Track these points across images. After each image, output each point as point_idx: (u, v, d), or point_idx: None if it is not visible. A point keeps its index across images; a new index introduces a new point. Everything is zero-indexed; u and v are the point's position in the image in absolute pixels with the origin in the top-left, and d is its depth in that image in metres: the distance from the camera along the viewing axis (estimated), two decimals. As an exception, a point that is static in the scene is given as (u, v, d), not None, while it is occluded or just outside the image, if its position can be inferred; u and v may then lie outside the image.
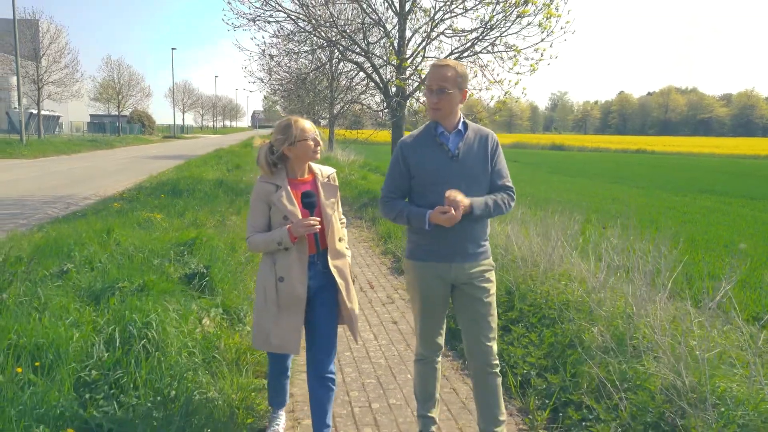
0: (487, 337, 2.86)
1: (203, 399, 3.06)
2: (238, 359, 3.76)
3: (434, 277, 2.85)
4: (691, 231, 12.02)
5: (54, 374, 2.80)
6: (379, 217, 10.19)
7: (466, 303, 2.89)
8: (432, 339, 2.99)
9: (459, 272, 2.83)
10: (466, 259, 2.82)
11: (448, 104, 2.75)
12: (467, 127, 2.84)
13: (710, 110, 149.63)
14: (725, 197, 20.51)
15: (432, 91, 2.75)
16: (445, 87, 2.71)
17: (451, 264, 2.82)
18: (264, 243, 2.75)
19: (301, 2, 12.01)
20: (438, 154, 2.79)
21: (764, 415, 2.73)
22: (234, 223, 8.63)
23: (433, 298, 2.89)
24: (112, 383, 2.93)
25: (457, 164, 2.77)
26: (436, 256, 2.83)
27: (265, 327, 2.79)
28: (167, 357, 3.21)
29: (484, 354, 2.87)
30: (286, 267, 2.75)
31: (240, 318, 4.49)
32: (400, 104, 12.36)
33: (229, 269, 5.48)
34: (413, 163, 2.81)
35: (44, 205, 11.71)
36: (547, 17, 10.91)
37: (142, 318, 3.36)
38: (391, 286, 6.47)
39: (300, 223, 2.68)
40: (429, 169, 2.78)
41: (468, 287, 2.85)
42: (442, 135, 2.82)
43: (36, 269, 4.39)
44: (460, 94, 2.77)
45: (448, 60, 2.84)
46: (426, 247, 2.85)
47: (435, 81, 2.73)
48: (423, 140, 2.85)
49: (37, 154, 28.28)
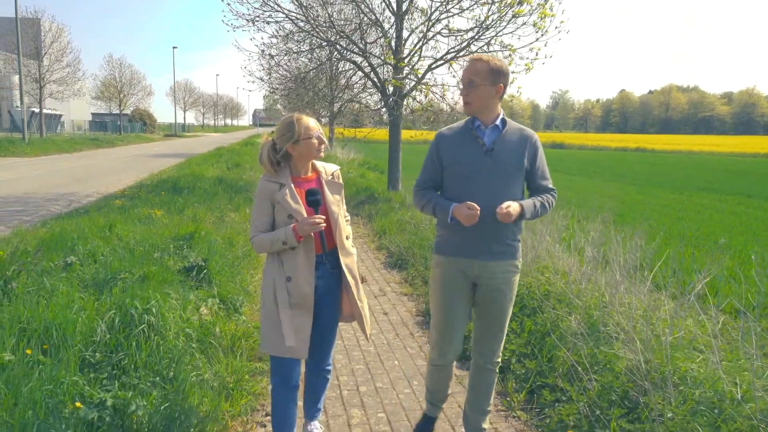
0: (496, 337, 2.91)
1: (200, 380, 3.28)
2: (233, 345, 3.98)
3: (457, 272, 2.84)
4: (685, 228, 12.24)
5: (61, 355, 3.02)
6: (375, 214, 10.40)
7: (483, 301, 2.88)
8: (449, 340, 2.93)
9: (482, 270, 2.81)
10: (490, 257, 2.80)
11: (478, 98, 2.72)
12: (506, 124, 2.81)
13: (711, 108, 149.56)
14: (722, 195, 20.67)
15: (463, 85, 2.74)
16: (474, 80, 2.68)
17: (475, 261, 2.80)
18: (269, 243, 2.69)
19: (299, 3, 12.19)
20: (472, 148, 2.77)
21: (720, 393, 2.94)
22: (233, 220, 8.85)
23: (455, 293, 2.87)
24: (114, 364, 3.16)
25: (491, 159, 2.73)
26: (460, 252, 2.82)
27: (275, 329, 2.70)
28: (166, 341, 3.43)
29: (490, 352, 2.94)
30: (294, 267, 2.71)
31: (236, 308, 4.72)
32: (397, 103, 12.56)
33: (227, 262, 5.70)
34: (446, 154, 2.81)
35: (47, 203, 11.94)
36: (541, 17, 11.11)
37: (143, 304, 3.58)
38: (384, 280, 6.68)
39: (305, 221, 2.63)
40: (462, 161, 2.77)
41: (489, 287, 2.83)
42: (478, 129, 2.79)
43: (41, 261, 4.62)
44: (493, 89, 2.71)
45: (483, 54, 2.79)
46: (451, 241, 2.85)
47: (465, 74, 2.73)
48: (459, 133, 2.83)
49: (39, 153, 28.53)
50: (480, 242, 2.77)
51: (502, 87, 2.73)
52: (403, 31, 12.54)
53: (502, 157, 2.74)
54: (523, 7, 11.05)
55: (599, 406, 3.15)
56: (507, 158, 2.74)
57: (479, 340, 2.96)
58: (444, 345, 2.95)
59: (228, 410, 3.23)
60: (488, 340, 2.92)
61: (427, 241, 7.16)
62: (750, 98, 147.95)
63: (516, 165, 2.76)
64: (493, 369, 2.97)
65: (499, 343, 2.94)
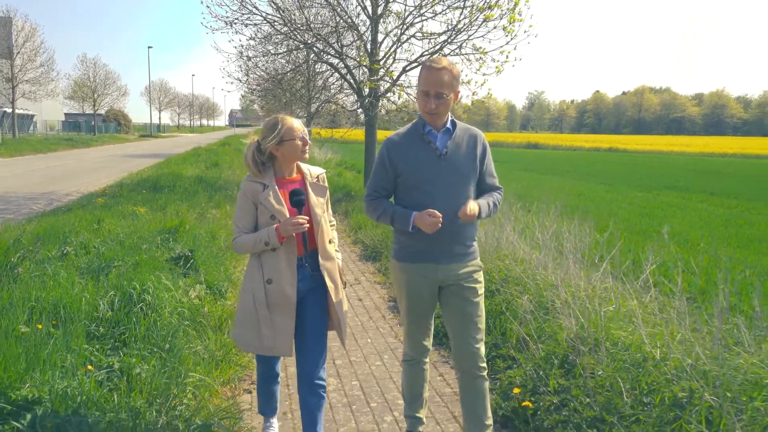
0: (475, 338, 2.86)
1: (193, 351, 3.69)
2: (220, 324, 4.39)
3: (421, 278, 2.81)
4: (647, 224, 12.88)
5: (69, 329, 3.40)
6: (351, 210, 10.84)
7: (453, 304, 2.86)
8: (419, 341, 2.96)
9: (446, 273, 2.79)
10: (453, 260, 2.79)
11: (446, 109, 2.72)
12: (456, 126, 2.80)
13: (683, 110, 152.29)
14: (686, 193, 21.28)
15: (429, 96, 2.66)
16: (443, 92, 2.65)
17: (438, 265, 2.78)
18: (252, 243, 2.68)
19: (276, 6, 12.55)
20: (425, 153, 2.74)
21: (644, 354, 3.43)
22: (214, 216, 9.21)
23: (420, 299, 2.85)
24: (116, 337, 3.56)
25: (446, 163, 2.72)
26: (423, 257, 2.79)
27: (253, 330, 2.74)
28: (162, 318, 3.84)
29: (472, 356, 2.86)
30: (275, 269, 2.70)
31: (222, 293, 5.13)
32: (372, 104, 13.00)
33: (211, 253, 6.10)
34: (400, 161, 2.76)
35: (28, 201, 12.15)
36: (510, 22, 11.63)
37: (140, 285, 3.97)
38: (359, 270, 7.13)
39: (288, 221, 2.61)
40: (416, 167, 2.73)
41: (455, 288, 2.82)
42: (429, 133, 2.76)
43: (40, 250, 4.97)
44: (454, 96, 2.72)
45: (443, 60, 2.66)
46: (412, 248, 2.81)
47: (432, 86, 2.65)
48: (410, 138, 2.79)
49: (14, 153, 28.42)
50: (441, 246, 2.76)
51: (458, 92, 2.78)
52: (378, 35, 12.96)
53: (455, 161, 2.73)
54: (493, 12, 11.54)
55: (543, 368, 3.63)
56: (460, 161, 2.74)
57: (458, 345, 2.89)
58: (416, 342, 2.97)
59: (218, 377, 3.64)
60: (467, 344, 2.86)
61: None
62: (720, 99, 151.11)
63: (470, 167, 2.77)
64: (481, 375, 2.88)
65: (479, 344, 2.88)
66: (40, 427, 2.38)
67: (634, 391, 3.17)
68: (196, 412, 3.05)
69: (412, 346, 2.99)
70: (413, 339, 2.98)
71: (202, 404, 3.15)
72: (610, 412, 3.08)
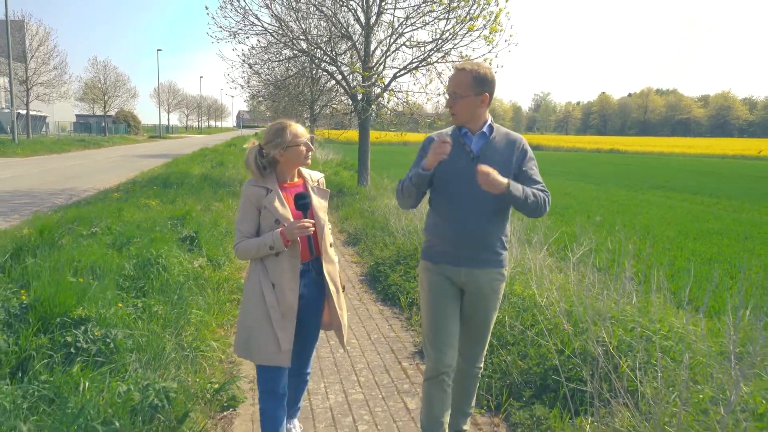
0: (480, 343, 2.97)
1: (195, 301, 4.83)
2: (218, 286, 5.54)
3: (445, 278, 2.84)
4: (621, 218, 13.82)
5: (103, 281, 4.54)
6: (341, 205, 11.99)
7: (469, 309, 2.89)
8: (442, 351, 2.85)
9: (469, 277, 2.81)
10: (477, 265, 2.79)
11: (463, 109, 2.74)
12: (493, 130, 2.82)
13: (688, 111, 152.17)
14: (671, 192, 21.93)
15: (449, 96, 2.76)
16: (457, 92, 2.71)
17: (462, 268, 2.80)
18: (256, 248, 2.63)
19: (276, 17, 13.67)
20: (459, 154, 2.77)
21: (536, 303, 4.53)
22: (217, 208, 10.39)
23: (443, 299, 2.84)
24: (138, 289, 4.70)
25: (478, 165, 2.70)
26: (449, 259, 2.82)
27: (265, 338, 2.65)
28: (172, 277, 4.98)
29: (474, 357, 3.01)
30: (277, 273, 2.66)
31: (220, 265, 6.29)
32: (365, 108, 14.09)
33: (212, 236, 7.26)
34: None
35: (50, 196, 13.38)
36: (492, 32, 12.68)
37: (156, 252, 5.14)
38: (340, 253, 8.26)
39: (293, 225, 2.59)
40: (448, 167, 2.74)
41: (475, 295, 2.85)
42: (465, 136, 2.81)
43: (75, 230, 6.16)
44: (478, 99, 2.72)
45: (467, 63, 2.76)
46: (439, 248, 2.85)
47: (449, 86, 2.75)
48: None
49: (29, 153, 29.73)
50: (467, 249, 2.78)
51: (488, 96, 2.74)
52: (371, 44, 14.02)
53: (488, 164, 2.68)
54: (476, 23, 12.57)
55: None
56: (494, 165, 2.68)
57: (463, 345, 2.97)
58: (438, 351, 2.86)
59: (215, 320, 4.78)
60: (472, 346, 2.97)
61: (377, 223, 8.76)
62: (725, 101, 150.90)
63: (503, 171, 2.69)
64: (476, 374, 3.05)
65: (482, 348, 3.00)
66: (91, 334, 3.51)
67: (520, 326, 4.28)
68: (197, 338, 4.18)
69: (436, 358, 2.86)
70: (436, 348, 2.86)
71: (202, 334, 4.29)
72: (498, 340, 4.19)
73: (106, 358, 3.41)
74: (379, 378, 4.14)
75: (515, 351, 4.05)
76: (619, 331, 3.74)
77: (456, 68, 2.75)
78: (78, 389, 2.98)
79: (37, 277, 4.37)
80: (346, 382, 4.05)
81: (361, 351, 4.63)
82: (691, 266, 6.93)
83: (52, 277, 4.20)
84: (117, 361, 3.41)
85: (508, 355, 4.03)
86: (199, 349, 4.03)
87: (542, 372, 3.74)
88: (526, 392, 3.69)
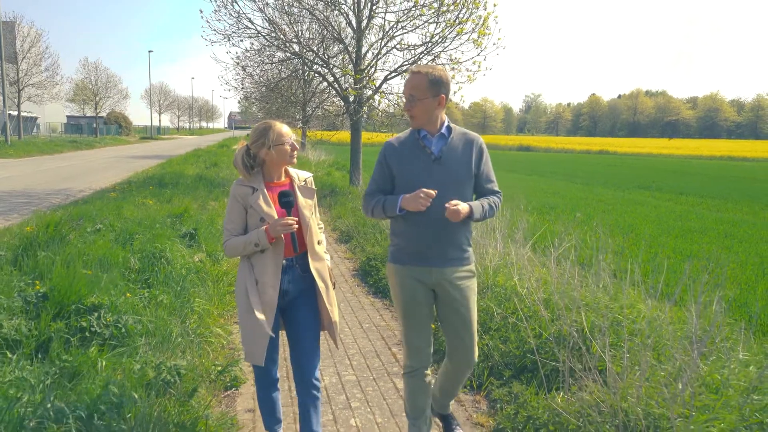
0: (470, 340, 2.93)
1: (196, 294, 5.12)
2: (217, 279, 5.83)
3: (415, 280, 2.84)
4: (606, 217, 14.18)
5: (111, 273, 4.83)
6: (333, 204, 12.29)
7: (447, 309, 2.89)
8: (419, 348, 2.92)
9: (439, 277, 2.81)
10: (447, 263, 2.81)
11: (421, 111, 2.75)
12: (451, 131, 2.85)
13: (677, 113, 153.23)
14: (657, 192, 22.27)
15: (406, 99, 2.78)
16: (414, 95, 2.73)
17: (432, 268, 2.81)
18: (242, 245, 2.71)
19: (270, 20, 13.96)
20: (420, 157, 2.80)
21: (516, 292, 4.86)
22: (213, 207, 10.67)
23: (416, 302, 2.86)
24: (143, 281, 4.99)
25: (440, 167, 2.76)
26: (417, 260, 2.82)
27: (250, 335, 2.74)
28: (175, 270, 5.27)
29: (467, 357, 2.97)
30: (262, 270, 2.73)
31: (218, 260, 6.58)
32: (356, 110, 14.39)
33: (210, 232, 7.55)
34: (395, 164, 2.83)
35: (48, 196, 13.59)
36: (480, 35, 13.01)
37: (160, 247, 5.43)
38: (333, 250, 8.57)
39: (277, 222, 2.65)
40: (411, 171, 2.78)
41: (449, 293, 2.85)
42: (425, 138, 2.83)
43: (80, 226, 6.44)
44: (434, 101, 2.73)
45: (422, 66, 2.78)
46: (407, 250, 2.85)
47: (406, 89, 2.77)
48: (406, 143, 2.85)
49: (22, 154, 29.84)
50: (435, 249, 2.79)
51: (444, 97, 2.76)
52: (362, 47, 14.32)
53: (450, 165, 2.75)
54: (465, 26, 12.89)
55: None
56: (455, 165, 2.75)
57: (453, 348, 2.98)
58: (414, 349, 2.93)
59: (215, 310, 5.08)
60: (462, 347, 2.96)
61: (369, 221, 9.07)
62: (713, 103, 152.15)
63: (465, 171, 2.78)
64: (470, 367, 3.03)
65: (472, 345, 2.96)
66: (104, 320, 3.81)
67: (503, 313, 4.60)
68: (201, 325, 4.48)
69: (412, 355, 2.94)
70: (412, 346, 2.93)
71: (205, 321, 4.59)
72: (482, 326, 4.51)
73: (118, 342, 3.72)
74: (371, 362, 4.45)
75: (497, 336, 4.38)
76: (591, 316, 4.06)
77: (411, 72, 2.79)
78: (95, 368, 3.27)
79: (49, 269, 4.66)
80: (339, 365, 4.36)
81: (353, 338, 4.94)
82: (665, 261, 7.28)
83: (65, 269, 4.49)
84: (129, 344, 3.71)
85: (491, 339, 4.36)
86: (203, 335, 4.33)
87: (521, 354, 4.07)
88: (506, 372, 4.02)
